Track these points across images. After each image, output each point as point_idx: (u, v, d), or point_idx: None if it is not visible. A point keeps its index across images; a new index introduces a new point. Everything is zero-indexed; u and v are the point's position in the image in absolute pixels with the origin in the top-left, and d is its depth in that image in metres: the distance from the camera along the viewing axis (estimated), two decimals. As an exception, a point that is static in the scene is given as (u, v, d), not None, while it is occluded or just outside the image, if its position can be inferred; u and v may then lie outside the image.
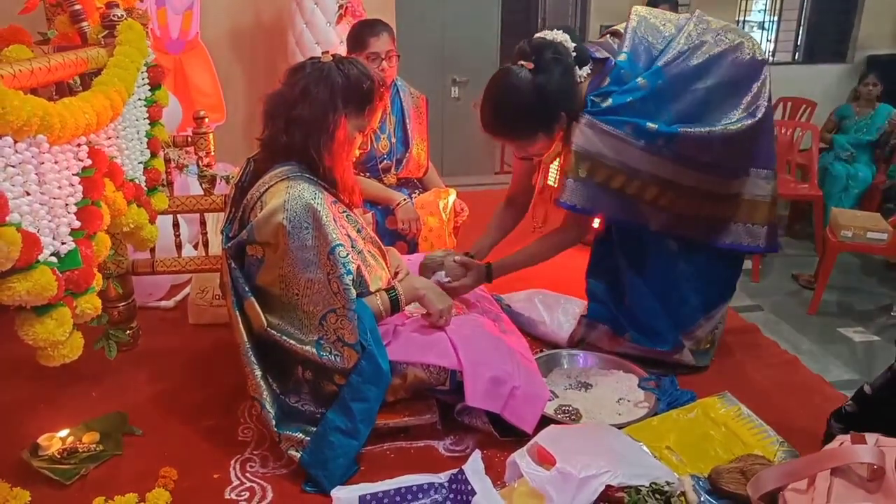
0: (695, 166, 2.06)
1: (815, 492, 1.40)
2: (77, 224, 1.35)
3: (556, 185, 2.20)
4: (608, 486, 1.57)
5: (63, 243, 1.30)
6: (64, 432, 1.93)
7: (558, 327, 2.46)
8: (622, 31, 2.15)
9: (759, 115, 2.06)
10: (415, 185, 3.09)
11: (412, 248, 2.82)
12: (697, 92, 2.06)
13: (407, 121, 3.01)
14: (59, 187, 1.30)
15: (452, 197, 2.96)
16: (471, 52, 6.26)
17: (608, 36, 2.20)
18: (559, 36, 2.03)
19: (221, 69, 3.80)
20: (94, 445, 1.91)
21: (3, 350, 2.44)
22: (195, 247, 2.98)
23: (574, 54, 2.03)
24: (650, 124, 1.99)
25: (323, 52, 1.97)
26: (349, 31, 2.92)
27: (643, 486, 1.59)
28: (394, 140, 2.98)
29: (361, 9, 3.73)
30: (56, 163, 1.30)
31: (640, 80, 2.02)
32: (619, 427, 1.90)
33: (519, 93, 1.97)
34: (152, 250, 2.49)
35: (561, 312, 2.50)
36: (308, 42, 3.67)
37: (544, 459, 1.65)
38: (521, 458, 1.66)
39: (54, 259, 1.27)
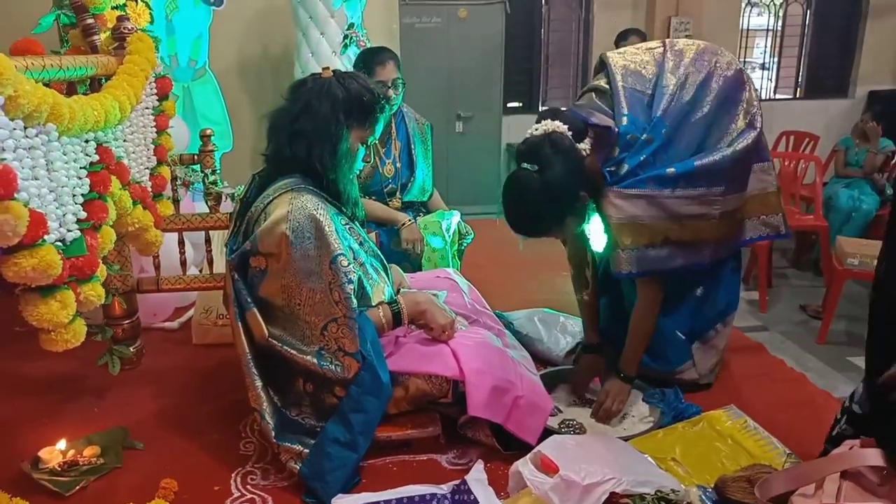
0: (721, 193, 2.05)
1: (823, 494, 1.37)
2: (83, 215, 1.37)
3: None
4: (612, 494, 1.55)
5: (69, 231, 1.32)
6: (62, 444, 1.92)
7: (554, 344, 2.45)
8: (604, 88, 2.14)
9: (759, 124, 2.09)
10: (419, 208, 3.11)
11: (416, 268, 2.83)
12: (697, 123, 2.06)
13: (412, 146, 3.04)
14: (67, 177, 1.33)
15: (456, 218, 2.98)
16: (475, 87, 6.35)
17: (592, 95, 2.17)
18: (549, 125, 1.99)
19: (229, 98, 3.87)
20: (95, 458, 1.91)
21: (10, 366, 2.46)
22: (200, 271, 3.00)
23: (570, 133, 2.00)
24: (669, 170, 1.99)
25: (324, 68, 2.01)
26: (356, 59, 2.97)
27: (648, 493, 1.57)
28: (399, 165, 3.01)
29: (365, 40, 3.81)
30: (64, 154, 1.33)
31: (645, 136, 2.02)
32: (625, 440, 1.87)
33: (532, 197, 1.94)
34: (157, 268, 2.50)
35: (559, 330, 2.49)
36: (314, 71, 3.73)
37: (548, 468, 1.63)
38: (524, 466, 1.64)
39: (60, 244, 1.29)
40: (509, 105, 6.65)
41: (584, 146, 2.01)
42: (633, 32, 4.67)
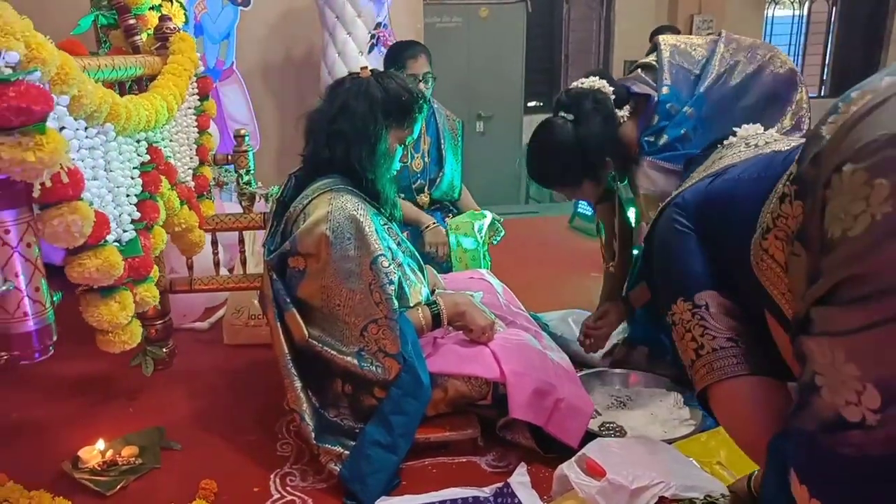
0: None
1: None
2: (137, 215, 1.37)
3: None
4: (661, 498, 1.53)
5: (125, 231, 1.33)
6: (101, 444, 1.92)
7: None
8: (653, 63, 2.14)
9: (805, 127, 2.05)
10: (449, 208, 3.10)
11: (443, 270, 2.81)
12: (739, 112, 2.04)
13: (442, 142, 3.04)
14: (123, 177, 1.33)
15: (487, 219, 2.96)
16: (495, 88, 6.35)
17: (640, 71, 2.18)
18: (596, 83, 2.02)
19: (253, 99, 3.87)
20: (134, 459, 1.91)
21: (44, 367, 2.46)
22: (231, 271, 2.99)
23: (613, 96, 2.03)
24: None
25: (362, 68, 2.00)
26: (387, 52, 2.97)
27: (697, 498, 1.54)
28: (427, 160, 3.01)
29: (393, 39, 3.80)
30: (120, 153, 1.33)
31: (687, 109, 2.01)
32: (667, 443, 1.85)
33: (562, 146, 1.97)
34: (190, 268, 2.50)
35: (594, 331, 2.46)
36: (340, 72, 3.72)
37: (594, 472, 1.60)
38: (569, 469, 1.61)
39: (117, 245, 1.29)
40: (530, 104, 6.64)
41: (623, 113, 2.04)
42: (667, 29, 4.67)
